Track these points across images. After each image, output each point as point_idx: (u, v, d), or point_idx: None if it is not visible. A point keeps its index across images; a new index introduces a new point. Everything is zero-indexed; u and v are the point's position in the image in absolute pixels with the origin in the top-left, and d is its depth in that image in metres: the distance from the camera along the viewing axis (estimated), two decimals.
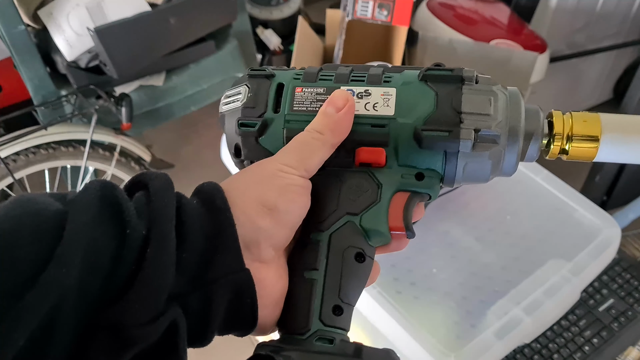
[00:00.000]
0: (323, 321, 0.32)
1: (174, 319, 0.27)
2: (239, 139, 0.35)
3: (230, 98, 0.36)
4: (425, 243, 0.82)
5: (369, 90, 0.34)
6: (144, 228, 0.27)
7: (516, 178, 0.90)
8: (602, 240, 0.79)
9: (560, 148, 0.34)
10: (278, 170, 0.31)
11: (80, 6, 1.29)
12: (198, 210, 0.29)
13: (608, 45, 1.82)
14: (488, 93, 0.33)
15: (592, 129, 0.33)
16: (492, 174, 0.34)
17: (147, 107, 1.44)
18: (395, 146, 0.33)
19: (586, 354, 0.83)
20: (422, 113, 0.33)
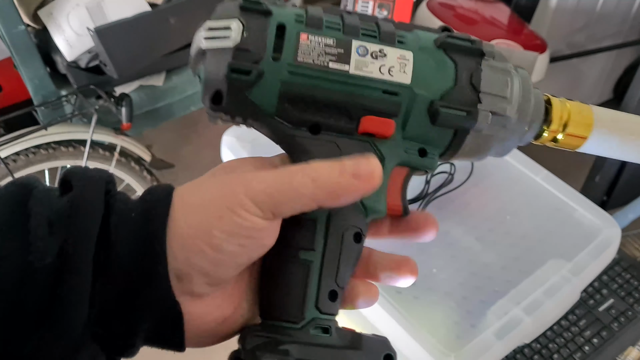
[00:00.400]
0: (319, 308, 0.29)
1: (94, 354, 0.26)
2: (224, 86, 0.28)
3: (216, 32, 0.29)
4: (425, 243, 0.82)
5: (384, 50, 0.29)
6: (55, 252, 0.24)
7: (516, 178, 0.90)
8: (602, 240, 0.79)
9: (554, 135, 0.33)
10: (239, 205, 0.26)
11: (80, 6, 1.29)
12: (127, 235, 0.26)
13: (608, 45, 1.82)
14: (506, 73, 0.31)
15: (585, 121, 0.33)
16: (490, 154, 0.33)
17: (147, 107, 1.44)
18: (405, 118, 0.30)
19: (586, 354, 0.83)
20: (440, 86, 0.30)
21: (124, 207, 0.26)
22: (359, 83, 0.29)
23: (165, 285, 0.26)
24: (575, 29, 1.73)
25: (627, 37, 1.86)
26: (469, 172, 0.91)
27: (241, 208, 0.26)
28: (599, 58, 1.87)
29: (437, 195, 0.88)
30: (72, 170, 0.27)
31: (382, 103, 0.29)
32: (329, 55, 0.28)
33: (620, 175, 1.38)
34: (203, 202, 0.27)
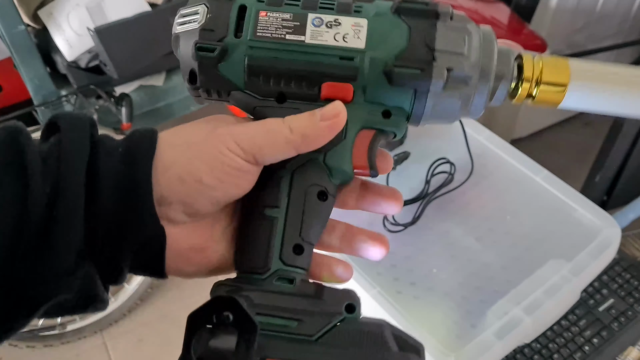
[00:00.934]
0: (284, 260, 0.30)
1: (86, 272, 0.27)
2: (195, 65, 0.31)
3: (186, 18, 0.32)
4: (425, 243, 0.82)
5: (339, 19, 0.31)
6: (50, 184, 0.26)
7: (516, 178, 0.90)
8: (602, 240, 0.79)
9: (528, 92, 0.33)
10: (223, 144, 0.29)
11: (80, 6, 1.29)
12: (114, 165, 0.28)
13: (608, 45, 1.82)
14: (463, 31, 0.32)
15: (561, 75, 0.33)
16: (459, 114, 0.34)
17: (147, 107, 1.44)
18: (364, 82, 0.31)
19: (586, 354, 0.83)
20: (393, 48, 0.31)
21: (110, 144, 0.29)
22: (315, 52, 0.31)
23: (149, 208, 0.28)
24: (575, 29, 1.73)
25: (627, 37, 1.86)
26: (469, 172, 0.91)
27: (225, 147, 0.29)
28: (599, 58, 1.87)
29: (437, 195, 0.88)
30: (57, 114, 0.29)
31: (339, 68, 0.31)
32: (286, 28, 0.31)
33: (620, 175, 1.38)
34: (188, 141, 0.30)
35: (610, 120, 1.35)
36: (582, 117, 2.09)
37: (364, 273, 0.75)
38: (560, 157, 1.89)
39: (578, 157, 1.87)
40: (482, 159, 0.93)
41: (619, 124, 1.29)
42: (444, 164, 0.90)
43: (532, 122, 1.90)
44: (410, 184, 0.89)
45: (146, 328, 1.47)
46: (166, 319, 1.48)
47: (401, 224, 0.84)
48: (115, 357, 1.45)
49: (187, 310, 0.25)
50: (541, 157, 0.97)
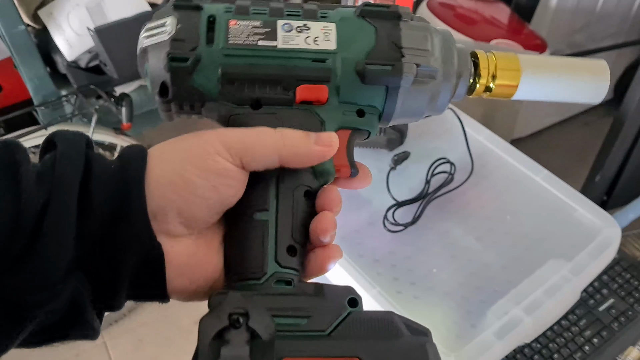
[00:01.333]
0: (279, 263, 0.30)
1: (75, 287, 0.27)
2: (167, 76, 0.31)
3: (154, 31, 0.32)
4: (425, 243, 0.82)
5: (307, 24, 0.32)
6: (44, 196, 0.26)
7: (516, 178, 0.90)
8: (602, 240, 0.79)
9: (485, 86, 0.36)
10: (211, 149, 0.29)
11: (80, 6, 1.29)
12: (107, 180, 0.28)
13: (608, 45, 1.82)
14: (425, 30, 0.34)
15: (512, 68, 0.35)
16: (426, 110, 0.35)
17: (147, 107, 1.44)
18: (337, 82, 0.32)
19: (586, 354, 0.83)
20: (363, 47, 0.32)
21: (103, 161, 0.29)
22: (288, 55, 0.31)
23: (143, 221, 0.28)
24: (575, 29, 1.73)
25: (627, 37, 1.86)
26: (469, 172, 0.91)
27: (214, 152, 0.29)
28: (599, 58, 1.87)
29: (437, 195, 0.88)
30: (54, 133, 0.29)
31: (313, 71, 0.32)
32: (258, 34, 0.31)
33: (620, 175, 1.37)
34: (177, 150, 0.30)
35: (610, 120, 1.35)
36: (582, 117, 2.09)
37: (364, 273, 0.75)
38: (560, 157, 1.89)
39: (578, 157, 1.87)
40: (482, 159, 0.93)
41: (619, 124, 1.29)
42: (444, 164, 0.90)
43: (532, 122, 1.90)
44: (410, 184, 0.89)
45: (146, 328, 1.47)
46: (166, 319, 1.48)
47: (401, 224, 0.84)
48: (115, 357, 1.45)
49: (187, 311, 0.25)
50: (541, 157, 0.97)
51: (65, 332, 0.28)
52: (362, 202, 0.88)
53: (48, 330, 0.27)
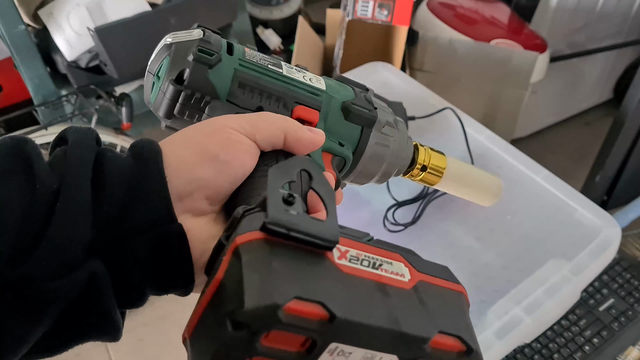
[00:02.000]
0: None
1: (92, 271, 0.26)
2: (190, 65, 0.35)
3: (181, 34, 0.37)
4: (426, 243, 0.82)
5: (303, 70, 0.40)
6: (56, 182, 0.26)
7: (516, 178, 0.90)
8: (602, 240, 0.79)
9: (418, 172, 0.47)
10: (226, 125, 0.31)
11: (80, 6, 1.29)
12: (122, 164, 0.28)
13: (608, 45, 1.82)
14: (385, 104, 0.44)
15: (441, 165, 0.48)
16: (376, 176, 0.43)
17: (147, 107, 1.44)
18: (326, 113, 0.39)
19: (586, 354, 0.83)
20: (346, 95, 0.41)
21: (115, 152, 0.29)
22: (290, 82, 0.38)
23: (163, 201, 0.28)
24: (575, 29, 1.73)
25: (627, 37, 1.86)
26: None
27: (228, 127, 0.31)
28: (599, 58, 1.87)
29: (437, 195, 0.88)
30: (66, 129, 0.30)
31: (308, 98, 0.38)
32: (267, 61, 0.38)
33: (620, 175, 1.38)
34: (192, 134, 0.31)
35: (610, 120, 1.36)
36: (582, 117, 2.09)
37: None
38: (560, 157, 1.89)
39: (578, 157, 1.87)
40: (482, 159, 0.93)
41: (619, 124, 1.29)
42: None
43: (532, 122, 1.90)
44: (410, 184, 0.89)
45: (146, 328, 1.47)
46: (166, 319, 1.48)
47: (401, 224, 0.84)
48: (115, 357, 1.45)
49: (187, 311, 0.25)
50: (541, 157, 0.97)
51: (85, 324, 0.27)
52: (362, 202, 0.88)
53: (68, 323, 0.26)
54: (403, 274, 0.25)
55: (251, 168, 0.32)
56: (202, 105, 0.36)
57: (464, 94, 1.53)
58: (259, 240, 0.22)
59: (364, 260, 0.24)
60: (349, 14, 1.36)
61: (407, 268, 0.26)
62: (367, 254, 0.25)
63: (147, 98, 0.39)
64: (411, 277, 0.26)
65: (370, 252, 0.25)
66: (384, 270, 0.25)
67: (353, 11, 1.35)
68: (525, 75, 1.45)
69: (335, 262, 0.23)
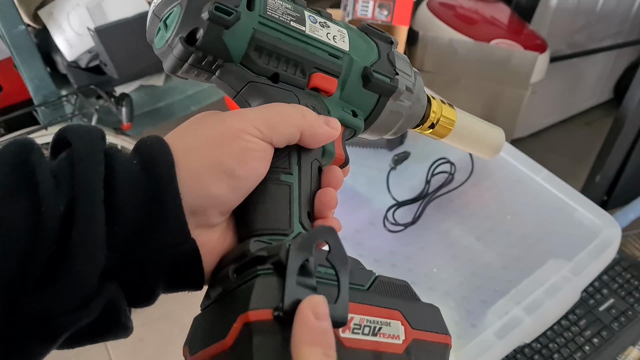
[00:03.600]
0: (303, 224, 0.31)
1: (109, 298, 0.25)
2: (205, 24, 0.30)
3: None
4: (426, 243, 0.82)
5: (327, 23, 0.36)
6: (64, 203, 0.24)
7: (516, 178, 0.90)
8: (603, 240, 0.79)
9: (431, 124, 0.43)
10: (242, 130, 0.29)
11: (80, 6, 1.29)
12: (133, 178, 0.26)
13: (608, 45, 1.83)
14: (409, 63, 0.40)
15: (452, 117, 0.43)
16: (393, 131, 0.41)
17: (147, 107, 1.44)
18: (344, 80, 0.36)
19: (586, 354, 0.83)
20: (369, 57, 0.37)
21: (124, 158, 0.27)
22: (312, 43, 0.34)
23: (179, 221, 0.27)
24: (575, 29, 1.73)
25: (627, 37, 1.86)
26: (469, 172, 0.91)
27: (245, 132, 0.29)
28: (599, 58, 1.87)
29: (437, 195, 0.88)
30: (65, 128, 0.27)
31: (328, 63, 0.35)
32: (290, 15, 0.34)
33: (620, 175, 1.38)
34: (203, 139, 0.29)
35: (610, 120, 1.35)
36: (582, 117, 2.09)
37: None
38: (560, 157, 1.89)
39: (578, 157, 1.87)
40: (482, 159, 0.93)
41: (619, 124, 1.29)
42: (444, 164, 0.90)
43: (532, 122, 1.90)
44: (410, 184, 0.89)
45: (146, 328, 1.47)
46: (166, 319, 1.48)
47: (401, 224, 0.84)
48: (115, 356, 1.45)
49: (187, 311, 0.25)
50: (541, 157, 0.97)
51: (100, 336, 0.27)
52: (362, 202, 0.88)
53: (82, 336, 0.26)
54: (398, 334, 0.28)
55: (265, 173, 0.30)
56: (214, 68, 0.32)
57: (464, 94, 1.53)
58: (271, 322, 0.23)
59: (365, 327, 0.27)
60: (349, 13, 1.36)
61: (403, 327, 0.28)
62: (369, 317, 0.27)
63: (149, 37, 0.35)
64: (405, 336, 0.28)
65: (372, 315, 0.27)
66: (382, 334, 0.27)
67: (353, 11, 1.35)
68: (525, 75, 1.45)
69: (340, 336, 0.25)
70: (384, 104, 0.38)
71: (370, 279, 0.30)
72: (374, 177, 0.92)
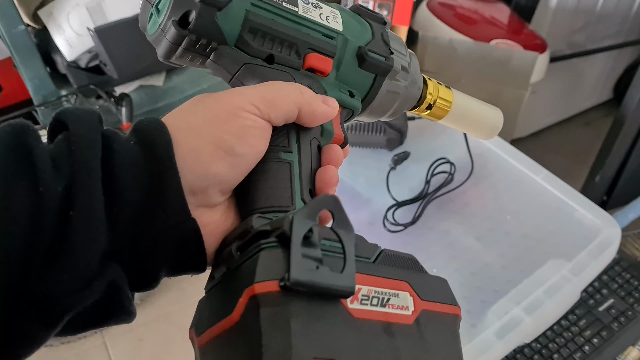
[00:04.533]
0: (304, 201, 0.31)
1: (111, 280, 0.25)
2: (197, 6, 0.30)
3: None
4: (426, 243, 0.82)
5: (319, 4, 0.36)
6: (63, 184, 0.24)
7: (516, 178, 0.90)
8: (602, 240, 0.79)
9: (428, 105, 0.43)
10: (240, 108, 0.29)
11: (80, 6, 1.29)
12: (132, 157, 0.26)
13: (608, 45, 1.83)
14: (402, 42, 0.40)
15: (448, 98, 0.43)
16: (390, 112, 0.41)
17: (147, 107, 1.44)
18: (339, 60, 0.36)
19: (586, 354, 0.83)
20: (363, 37, 0.37)
21: (121, 139, 0.27)
22: (305, 24, 0.34)
23: (179, 201, 0.27)
24: (575, 29, 1.73)
25: (627, 37, 1.86)
26: (469, 172, 0.91)
27: (243, 110, 0.29)
28: (599, 58, 1.87)
29: (437, 195, 0.88)
30: (63, 110, 0.27)
31: (322, 43, 0.35)
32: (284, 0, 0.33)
33: (620, 175, 1.38)
34: (202, 117, 0.29)
35: (610, 120, 1.35)
36: (582, 117, 2.09)
37: None
38: (560, 157, 1.89)
39: (578, 157, 1.87)
40: (482, 159, 0.93)
41: (619, 124, 1.29)
42: (444, 164, 0.90)
43: (532, 122, 1.90)
44: (410, 184, 0.89)
45: (146, 328, 1.47)
46: (166, 319, 1.48)
47: (401, 224, 0.84)
48: (115, 357, 1.45)
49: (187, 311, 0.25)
50: (541, 157, 0.97)
51: (103, 321, 0.27)
52: (362, 202, 0.88)
53: (85, 321, 0.26)
54: (407, 306, 0.27)
55: (265, 149, 0.30)
56: (208, 52, 0.32)
57: None
58: (278, 293, 0.23)
59: (373, 298, 0.26)
60: None
61: (412, 298, 0.28)
62: (377, 289, 0.26)
63: (142, 25, 0.35)
64: (414, 307, 0.28)
65: (379, 286, 0.27)
66: (391, 305, 0.27)
67: None
68: (525, 75, 1.45)
69: (348, 307, 0.25)
70: (380, 83, 0.38)
71: (376, 252, 0.29)
72: (374, 177, 0.92)
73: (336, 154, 0.34)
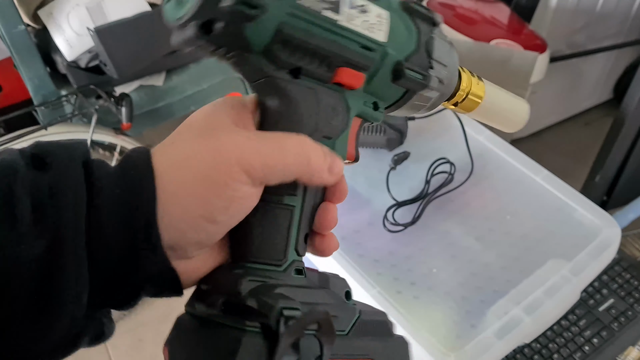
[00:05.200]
0: (298, 251, 0.30)
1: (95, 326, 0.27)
2: (225, 17, 0.27)
3: None
4: (426, 243, 0.82)
5: (365, 7, 0.31)
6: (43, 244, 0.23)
7: (516, 178, 0.90)
8: (602, 240, 0.79)
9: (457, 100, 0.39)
10: (234, 179, 0.27)
11: (80, 6, 1.29)
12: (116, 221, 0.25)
13: (608, 45, 1.83)
14: (449, 42, 0.36)
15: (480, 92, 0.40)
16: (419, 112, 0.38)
17: (147, 107, 1.44)
18: (373, 73, 0.32)
19: (586, 354, 0.83)
20: (405, 48, 0.33)
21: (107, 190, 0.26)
22: (343, 34, 0.30)
23: (161, 258, 0.27)
24: (575, 29, 1.73)
25: (627, 37, 1.86)
26: (469, 172, 0.91)
27: (235, 181, 0.27)
28: (599, 58, 1.87)
29: (437, 195, 0.88)
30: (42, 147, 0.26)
31: (359, 56, 0.31)
32: (324, 2, 0.29)
33: (620, 175, 1.38)
34: (195, 176, 0.27)
35: (610, 120, 1.36)
36: (582, 117, 2.09)
37: (364, 273, 0.75)
38: (560, 157, 1.89)
39: (578, 157, 1.87)
40: (482, 159, 0.93)
41: (619, 124, 1.29)
42: (444, 164, 0.90)
43: (532, 122, 1.90)
44: (410, 184, 0.89)
45: (146, 328, 1.47)
46: (166, 319, 1.48)
47: (401, 224, 0.84)
48: (115, 357, 1.45)
49: None
50: (541, 157, 0.97)
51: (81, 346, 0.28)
52: (362, 202, 0.88)
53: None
54: None
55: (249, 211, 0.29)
56: (229, 57, 0.29)
57: None
58: None
59: None
60: None
61: None
62: None
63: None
64: None
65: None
66: None
67: None
68: (525, 75, 1.45)
69: None
70: (410, 97, 0.35)
71: (352, 319, 0.30)
72: (374, 177, 0.92)
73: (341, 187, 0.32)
